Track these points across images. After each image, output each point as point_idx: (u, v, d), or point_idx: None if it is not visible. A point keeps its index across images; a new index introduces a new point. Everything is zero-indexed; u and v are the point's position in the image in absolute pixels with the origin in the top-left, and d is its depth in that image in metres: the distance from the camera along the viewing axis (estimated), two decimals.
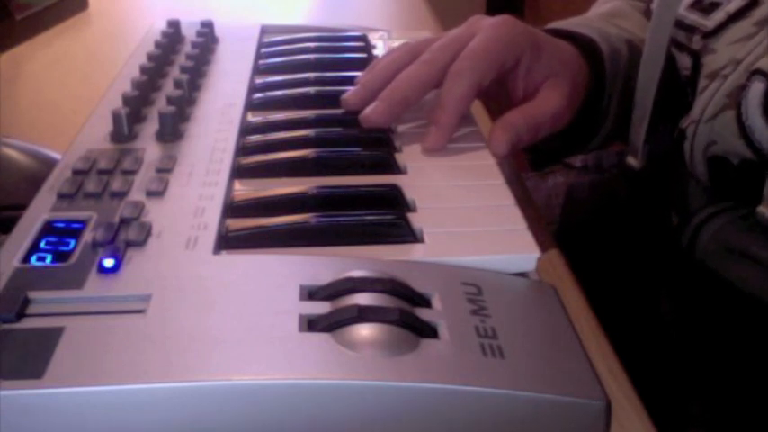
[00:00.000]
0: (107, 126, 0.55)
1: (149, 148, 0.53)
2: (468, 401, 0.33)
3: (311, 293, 0.39)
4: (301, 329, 0.36)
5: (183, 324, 0.36)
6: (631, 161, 0.65)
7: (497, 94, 0.61)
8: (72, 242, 0.42)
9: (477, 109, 0.69)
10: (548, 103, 0.58)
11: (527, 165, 0.73)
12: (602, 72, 0.64)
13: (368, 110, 0.57)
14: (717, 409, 0.58)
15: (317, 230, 0.45)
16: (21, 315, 0.37)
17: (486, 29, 0.57)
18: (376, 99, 0.57)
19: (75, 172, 0.50)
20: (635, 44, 0.68)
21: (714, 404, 0.58)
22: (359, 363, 0.34)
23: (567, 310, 0.40)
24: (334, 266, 0.40)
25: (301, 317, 0.36)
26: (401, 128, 0.58)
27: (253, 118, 0.61)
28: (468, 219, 0.46)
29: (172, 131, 0.55)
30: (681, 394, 0.60)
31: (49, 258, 0.41)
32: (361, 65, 0.68)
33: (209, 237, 0.43)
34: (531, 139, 0.58)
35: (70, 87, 0.81)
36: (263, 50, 0.75)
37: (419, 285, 0.39)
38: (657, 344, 0.64)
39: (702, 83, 0.59)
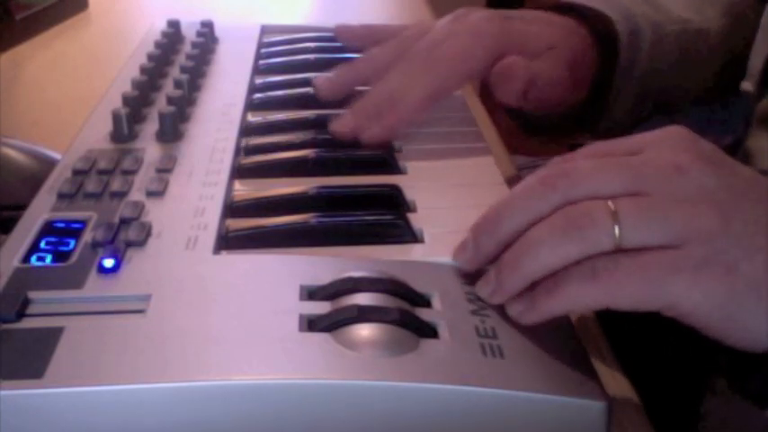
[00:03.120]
0: (107, 126, 0.55)
1: (149, 148, 0.53)
2: (468, 401, 0.33)
3: (311, 293, 0.39)
4: (301, 329, 0.36)
5: (183, 324, 0.36)
6: (746, 86, 0.63)
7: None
8: (72, 242, 0.42)
9: (478, 109, 0.69)
10: (539, 67, 0.57)
11: (533, 146, 0.71)
12: (615, 49, 0.62)
13: (337, 124, 0.56)
14: (724, 406, 0.58)
15: (318, 230, 0.45)
16: (21, 315, 0.37)
17: (460, 33, 0.57)
18: (347, 110, 0.57)
19: (75, 172, 0.50)
20: (663, 29, 0.65)
21: (721, 401, 0.58)
22: (359, 363, 0.34)
23: None
24: (335, 266, 0.40)
25: (301, 317, 0.36)
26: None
27: (253, 118, 0.61)
28: (468, 219, 0.46)
29: (172, 131, 0.55)
30: (684, 392, 0.59)
31: (49, 258, 0.41)
32: None
33: (209, 237, 0.43)
34: (530, 91, 0.57)
35: (70, 87, 0.81)
36: (263, 50, 0.75)
37: (419, 285, 0.39)
38: (661, 340, 0.64)
39: None
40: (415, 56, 0.57)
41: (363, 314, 0.36)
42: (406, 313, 0.36)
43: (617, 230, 0.36)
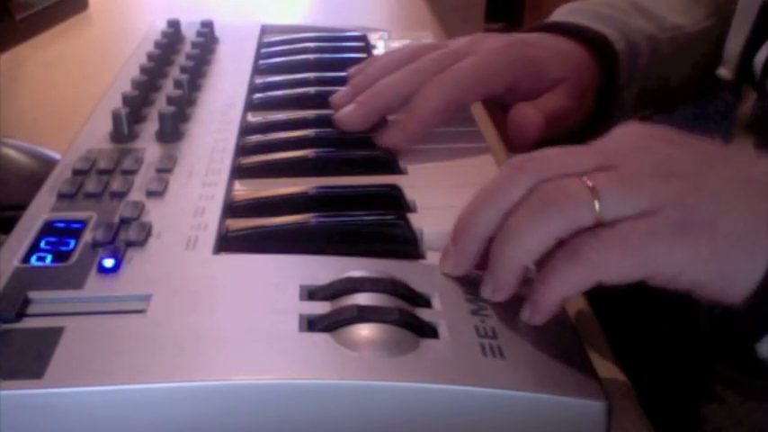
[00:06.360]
0: (107, 126, 0.55)
1: (149, 148, 0.53)
2: (468, 401, 0.33)
3: (311, 293, 0.39)
4: (301, 329, 0.36)
5: (183, 324, 0.36)
6: (723, 72, 0.64)
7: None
8: (72, 242, 0.42)
9: (477, 109, 0.69)
10: (553, 101, 0.58)
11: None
12: (616, 70, 0.64)
13: (343, 112, 0.56)
14: (723, 411, 0.58)
15: (317, 231, 0.45)
16: (21, 315, 0.37)
17: (481, 52, 0.57)
18: (354, 101, 0.56)
19: (75, 172, 0.50)
20: (658, 39, 0.67)
21: (721, 402, 0.58)
22: (359, 363, 0.34)
23: (567, 310, 0.40)
24: (335, 266, 0.40)
25: (301, 317, 0.36)
26: None
27: (253, 118, 0.61)
28: None
29: (172, 131, 0.55)
30: (684, 394, 0.59)
31: (49, 258, 0.41)
32: None
33: (209, 237, 0.43)
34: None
35: (70, 87, 0.81)
36: (263, 50, 0.75)
37: (419, 285, 0.39)
38: (661, 341, 0.64)
39: None
40: (436, 66, 0.56)
41: (363, 314, 0.36)
42: (406, 313, 0.36)
43: (597, 205, 0.36)
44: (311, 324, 0.36)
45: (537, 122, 0.57)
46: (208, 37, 0.74)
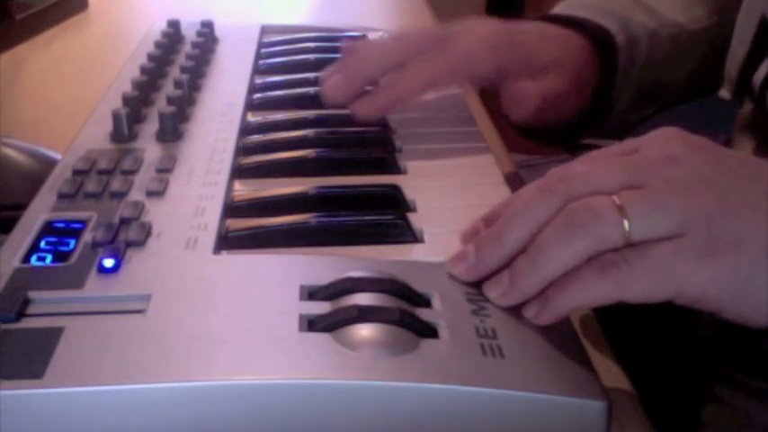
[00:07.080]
0: (107, 126, 0.55)
1: (149, 148, 0.53)
2: (468, 401, 0.33)
3: (311, 293, 0.39)
4: (301, 329, 0.36)
5: (183, 324, 0.36)
6: (723, 93, 0.64)
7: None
8: (72, 242, 0.42)
9: (477, 109, 0.69)
10: (550, 84, 0.59)
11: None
12: (615, 62, 0.64)
13: (328, 83, 0.57)
14: (724, 409, 0.58)
15: (317, 230, 0.45)
16: (21, 315, 0.37)
17: (467, 39, 0.57)
18: (340, 75, 0.57)
19: (75, 172, 0.50)
20: (658, 35, 0.67)
21: (720, 403, 0.58)
22: (359, 363, 0.34)
23: None
24: (335, 266, 0.40)
25: (301, 317, 0.36)
26: (401, 128, 0.58)
27: (253, 118, 0.61)
28: (468, 219, 0.46)
29: (172, 131, 0.55)
30: (685, 394, 0.59)
31: (49, 258, 0.41)
32: None
33: (209, 237, 0.43)
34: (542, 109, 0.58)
35: (70, 87, 0.81)
36: (263, 50, 0.75)
37: (419, 285, 0.39)
38: (661, 342, 0.64)
39: None
40: (422, 45, 0.57)
41: (363, 314, 0.36)
42: (407, 313, 0.36)
43: (626, 225, 0.36)
44: (311, 324, 0.36)
45: (535, 94, 0.57)
46: (208, 37, 0.74)
